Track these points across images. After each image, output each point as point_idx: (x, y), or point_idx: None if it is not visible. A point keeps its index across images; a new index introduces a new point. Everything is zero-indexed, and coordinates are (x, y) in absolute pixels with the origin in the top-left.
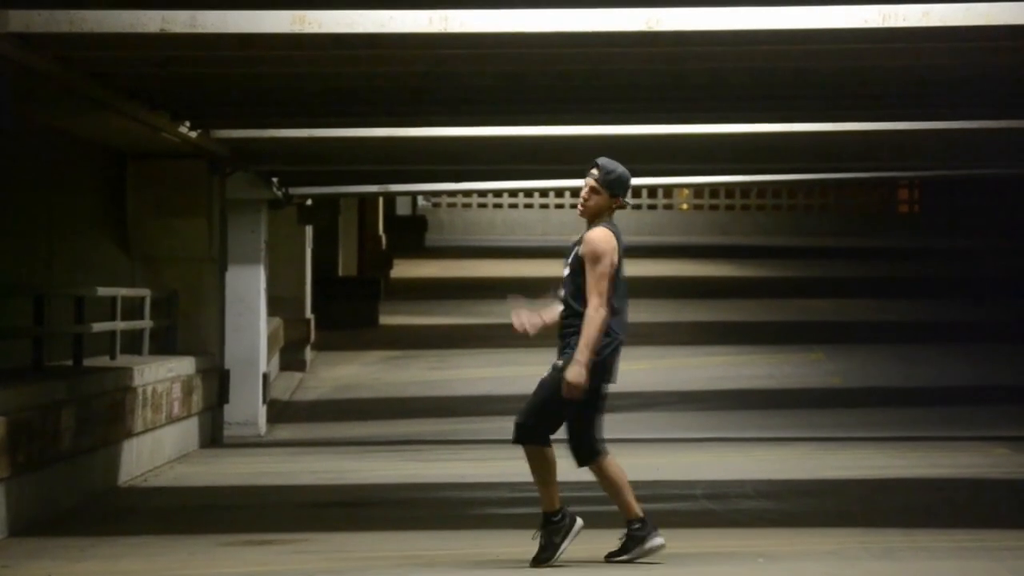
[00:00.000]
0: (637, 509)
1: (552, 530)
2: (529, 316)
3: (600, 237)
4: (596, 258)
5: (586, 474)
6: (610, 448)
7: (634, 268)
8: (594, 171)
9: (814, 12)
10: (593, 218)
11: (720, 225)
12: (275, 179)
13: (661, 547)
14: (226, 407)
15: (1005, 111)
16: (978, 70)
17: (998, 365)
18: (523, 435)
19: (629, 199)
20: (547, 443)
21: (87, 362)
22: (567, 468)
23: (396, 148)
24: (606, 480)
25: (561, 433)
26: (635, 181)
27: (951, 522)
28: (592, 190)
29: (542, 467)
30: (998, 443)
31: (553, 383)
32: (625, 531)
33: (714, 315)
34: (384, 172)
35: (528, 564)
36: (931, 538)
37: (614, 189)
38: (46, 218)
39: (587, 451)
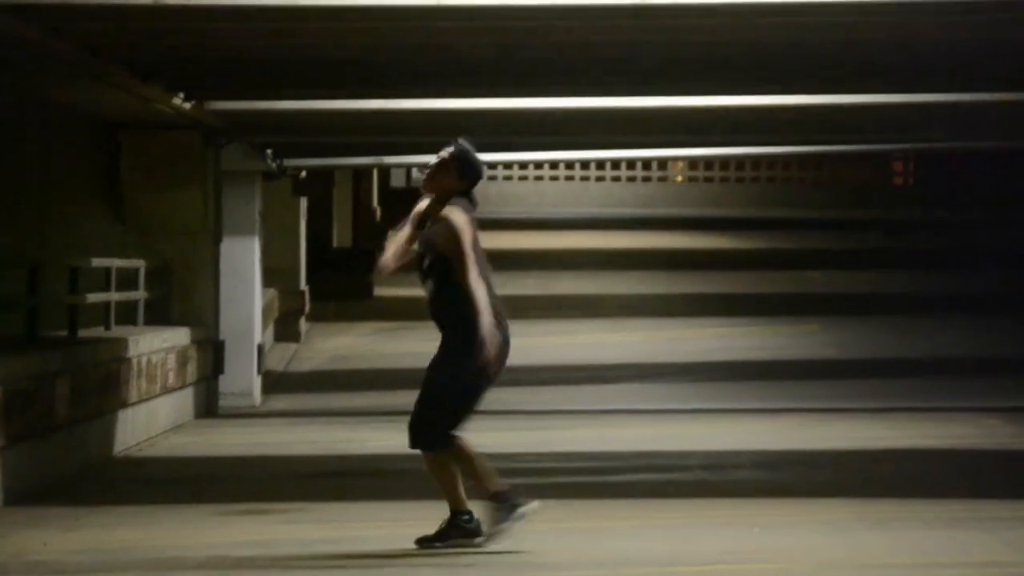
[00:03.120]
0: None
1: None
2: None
3: (452, 213)
4: (455, 236)
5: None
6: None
7: (628, 240)
8: (449, 148)
9: None
10: (440, 197)
11: (714, 197)
12: (269, 151)
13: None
14: (221, 378)
15: (1000, 84)
16: (973, 43)
17: (993, 336)
18: (425, 441)
19: (476, 200)
20: (452, 443)
21: (82, 333)
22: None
23: (391, 120)
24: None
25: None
26: (631, 153)
27: (944, 493)
28: (441, 165)
29: (451, 468)
30: (992, 414)
31: (444, 382)
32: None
33: (709, 287)
34: (379, 144)
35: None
36: (924, 508)
37: (463, 171)
38: (40, 189)
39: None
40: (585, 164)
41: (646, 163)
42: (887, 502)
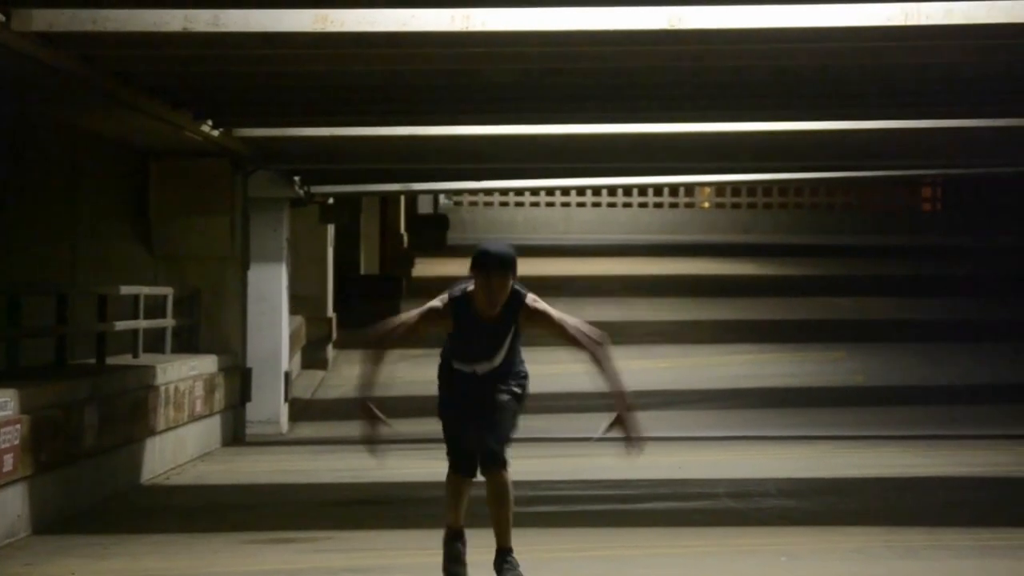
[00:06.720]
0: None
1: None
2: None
3: (533, 296)
4: (547, 307)
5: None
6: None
7: (655, 267)
8: (498, 270)
9: (837, 10)
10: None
11: (742, 223)
12: (297, 178)
13: None
14: (248, 405)
15: None
16: (1001, 68)
17: (1021, 363)
18: (503, 461)
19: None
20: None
21: (110, 360)
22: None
23: (418, 147)
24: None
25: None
26: (658, 179)
27: (974, 521)
28: (507, 283)
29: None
30: (1021, 441)
31: (514, 405)
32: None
33: (736, 314)
34: (406, 171)
35: None
36: (954, 537)
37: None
38: (69, 217)
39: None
40: (612, 190)
41: (673, 189)
42: (916, 530)
